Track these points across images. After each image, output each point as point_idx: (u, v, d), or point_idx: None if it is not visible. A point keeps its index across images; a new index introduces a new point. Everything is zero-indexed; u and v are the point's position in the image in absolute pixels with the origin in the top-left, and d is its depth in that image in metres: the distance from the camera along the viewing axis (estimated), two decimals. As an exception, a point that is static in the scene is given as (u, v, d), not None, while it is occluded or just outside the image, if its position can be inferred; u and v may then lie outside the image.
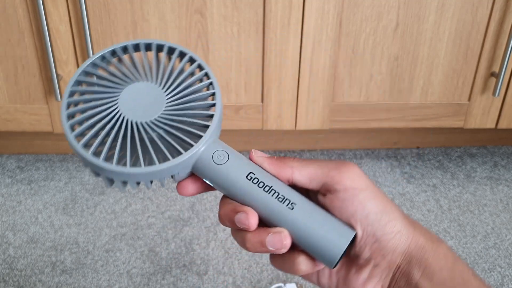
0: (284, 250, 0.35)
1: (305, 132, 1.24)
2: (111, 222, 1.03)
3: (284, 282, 0.90)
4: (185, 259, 0.95)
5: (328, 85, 1.06)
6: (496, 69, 1.05)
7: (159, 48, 0.40)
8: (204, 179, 0.38)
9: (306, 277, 0.39)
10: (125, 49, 0.40)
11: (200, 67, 0.40)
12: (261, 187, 0.36)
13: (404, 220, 0.36)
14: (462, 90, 1.09)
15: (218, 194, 1.00)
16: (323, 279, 0.39)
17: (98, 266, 0.93)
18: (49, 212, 1.06)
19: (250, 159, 0.38)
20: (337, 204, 0.36)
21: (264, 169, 0.38)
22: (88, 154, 0.36)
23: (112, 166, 0.35)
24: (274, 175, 0.38)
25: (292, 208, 0.36)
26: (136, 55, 0.40)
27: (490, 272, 0.94)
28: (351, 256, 0.37)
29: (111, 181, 0.38)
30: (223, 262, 0.94)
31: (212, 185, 0.38)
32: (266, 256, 0.95)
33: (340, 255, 0.35)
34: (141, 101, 0.37)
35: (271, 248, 0.35)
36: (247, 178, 0.37)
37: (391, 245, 0.35)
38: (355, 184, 0.36)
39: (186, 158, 0.36)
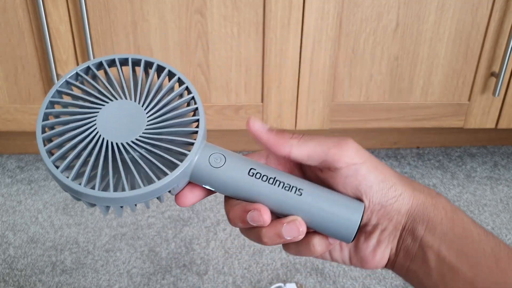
0: (301, 237, 0.36)
1: (305, 132, 1.24)
2: (111, 222, 1.03)
3: (284, 282, 0.90)
4: (185, 259, 0.95)
5: (328, 85, 1.06)
6: (496, 69, 1.05)
7: (136, 63, 0.39)
8: (204, 186, 0.37)
9: (320, 256, 0.40)
10: (88, 69, 0.38)
11: (172, 74, 0.38)
12: (265, 181, 0.36)
13: (403, 182, 0.38)
14: (462, 90, 1.09)
15: (218, 194, 1.00)
16: (335, 254, 0.40)
17: (98, 266, 0.93)
18: (49, 212, 1.06)
19: (249, 129, 0.38)
20: (340, 180, 0.37)
21: (261, 142, 0.37)
22: (85, 189, 0.34)
23: (111, 194, 0.34)
24: (271, 150, 0.37)
25: (301, 194, 0.36)
26: (100, 74, 0.38)
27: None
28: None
29: (107, 208, 0.36)
30: (223, 262, 0.94)
31: (213, 189, 0.38)
32: (266, 256, 0.95)
33: (356, 229, 0.36)
34: (121, 121, 0.36)
35: (288, 238, 0.36)
36: (249, 175, 0.36)
37: (396, 207, 0.37)
38: (356, 160, 0.37)
39: (184, 169, 0.35)
